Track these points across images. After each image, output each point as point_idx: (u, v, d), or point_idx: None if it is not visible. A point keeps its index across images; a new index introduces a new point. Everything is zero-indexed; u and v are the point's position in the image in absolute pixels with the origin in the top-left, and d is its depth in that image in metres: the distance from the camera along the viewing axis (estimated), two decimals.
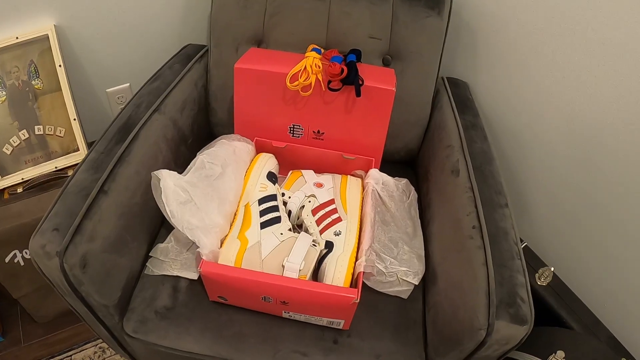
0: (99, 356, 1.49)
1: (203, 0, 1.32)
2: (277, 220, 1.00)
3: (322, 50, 1.15)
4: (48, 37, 1.30)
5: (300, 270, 0.92)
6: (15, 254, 1.33)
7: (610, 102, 1.04)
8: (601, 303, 1.21)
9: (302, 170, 1.16)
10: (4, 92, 1.31)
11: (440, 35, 1.25)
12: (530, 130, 1.28)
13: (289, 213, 1.07)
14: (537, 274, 1.23)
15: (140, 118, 1.12)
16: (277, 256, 0.94)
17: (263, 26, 1.24)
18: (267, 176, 1.09)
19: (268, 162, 1.12)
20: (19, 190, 1.34)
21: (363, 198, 1.08)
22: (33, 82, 1.33)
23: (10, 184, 1.34)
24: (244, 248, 0.96)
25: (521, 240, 1.33)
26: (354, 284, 0.94)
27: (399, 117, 1.20)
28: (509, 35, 1.25)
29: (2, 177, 1.34)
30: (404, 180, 1.18)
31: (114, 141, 1.07)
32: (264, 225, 0.99)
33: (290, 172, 1.17)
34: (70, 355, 1.50)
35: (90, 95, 1.51)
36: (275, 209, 1.02)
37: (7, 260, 1.33)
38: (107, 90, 1.52)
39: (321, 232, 1.01)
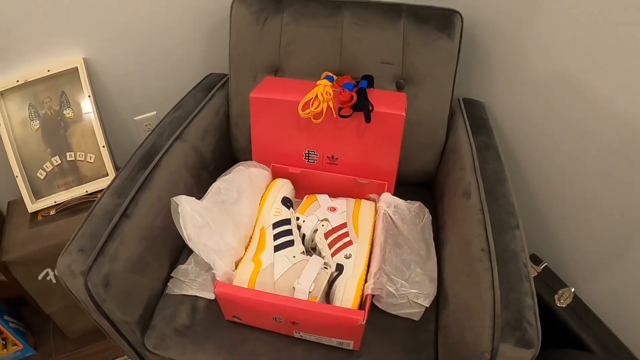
0: None
1: (224, 31, 1.37)
2: (290, 243, 1.04)
3: (335, 78, 1.18)
4: (77, 70, 1.38)
5: (310, 292, 0.95)
6: (47, 272, 1.40)
7: (633, 118, 1.03)
8: (624, 325, 1.18)
9: (317, 195, 1.19)
10: (37, 121, 1.39)
11: (452, 57, 1.27)
12: (549, 148, 1.27)
13: (303, 236, 1.10)
14: (556, 295, 1.21)
15: (162, 146, 1.17)
16: (289, 278, 0.97)
17: (279, 55, 1.28)
18: (281, 201, 1.12)
19: (283, 188, 1.16)
20: (52, 212, 1.41)
21: (375, 222, 1.11)
22: (64, 112, 1.41)
23: (43, 207, 1.42)
24: (258, 270, 0.99)
25: (541, 261, 1.32)
26: (362, 305, 0.96)
27: (414, 140, 1.22)
28: (526, 55, 1.26)
29: (36, 200, 1.42)
30: (417, 203, 1.19)
31: (137, 168, 1.13)
32: (277, 248, 1.03)
33: (306, 196, 1.20)
34: None
35: (119, 123, 1.58)
36: (288, 232, 1.06)
37: (39, 277, 1.40)
38: (135, 118, 1.60)
39: (333, 254, 1.04)
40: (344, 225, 1.08)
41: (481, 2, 1.31)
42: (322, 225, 1.10)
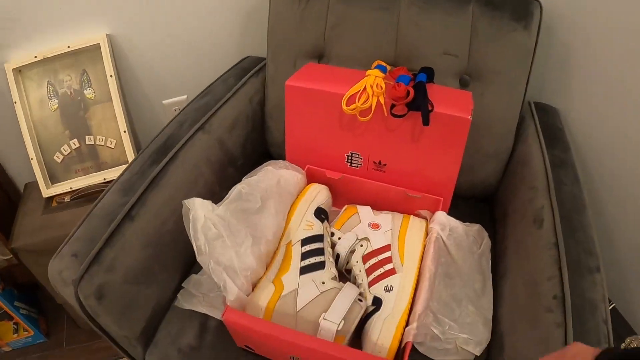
0: None
1: (262, 12, 1.13)
2: (320, 266, 0.80)
3: (388, 68, 0.93)
4: (100, 47, 1.17)
5: (338, 330, 0.71)
6: None
7: None
8: None
9: (358, 206, 0.94)
10: (56, 101, 1.20)
11: (527, 53, 1.00)
12: (634, 171, 1.00)
13: (337, 257, 0.86)
14: (624, 344, 0.94)
15: (181, 137, 0.96)
16: (315, 309, 0.74)
17: (324, 39, 1.04)
18: (314, 212, 0.88)
19: (318, 196, 0.92)
20: (67, 199, 1.22)
21: (425, 246, 0.85)
22: (85, 92, 1.20)
23: (59, 193, 1.23)
24: (278, 295, 0.77)
25: (609, 301, 1.04)
26: (400, 353, 0.71)
27: (476, 147, 0.95)
28: (612, 58, 0.99)
29: (52, 184, 1.23)
30: (477, 227, 0.93)
31: (149, 162, 0.91)
32: (304, 270, 0.79)
33: (345, 207, 0.96)
34: None
35: (146, 107, 1.36)
36: (319, 252, 0.82)
37: None
38: (164, 102, 1.37)
39: (370, 284, 0.79)
40: (387, 248, 0.83)
41: None
42: (361, 246, 0.85)
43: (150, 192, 0.87)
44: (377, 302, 0.76)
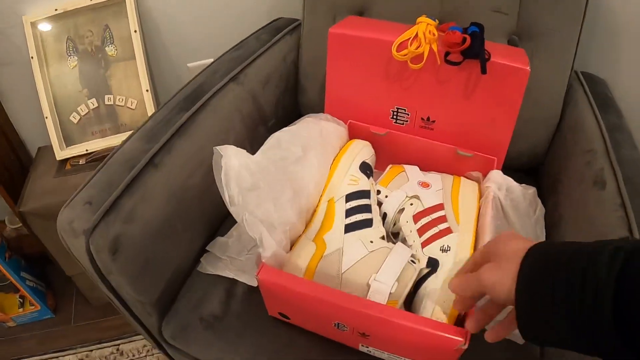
0: (148, 351, 1.24)
1: None
2: (367, 223, 0.69)
3: (437, 21, 0.83)
4: (125, 1, 1.07)
5: (390, 293, 0.61)
6: None
7: None
8: None
9: (405, 165, 0.83)
10: (75, 58, 1.10)
11: (578, 14, 0.89)
12: None
13: (384, 217, 0.75)
14: None
15: (213, 85, 0.85)
16: (362, 271, 0.63)
17: None
18: (360, 167, 0.77)
19: (363, 151, 0.81)
20: (82, 162, 1.12)
21: (480, 206, 0.75)
22: (107, 49, 1.10)
23: (73, 155, 1.12)
24: (320, 254, 0.66)
25: None
26: (463, 319, 0.61)
27: (523, 112, 0.85)
28: None
29: (66, 146, 1.13)
30: (532, 190, 0.82)
31: (177, 109, 0.81)
32: (349, 228, 0.68)
33: (390, 166, 0.85)
34: (118, 345, 1.26)
35: (169, 69, 1.25)
36: (366, 209, 0.71)
37: None
38: (189, 64, 1.25)
39: (423, 245, 0.68)
40: (440, 206, 0.73)
41: None
42: (411, 204, 0.74)
43: (177, 140, 0.76)
44: (433, 264, 0.65)
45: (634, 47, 0.98)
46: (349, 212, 0.70)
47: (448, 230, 0.68)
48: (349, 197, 0.72)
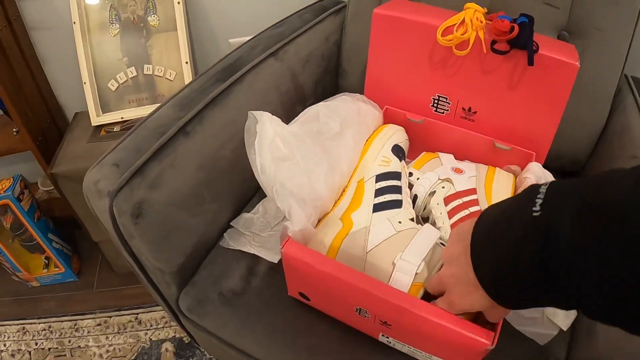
0: (166, 322, 1.23)
1: None
2: (396, 204, 0.65)
3: (485, 10, 0.79)
4: None
5: (416, 273, 0.57)
6: None
7: None
8: None
9: (440, 153, 0.79)
10: (117, 26, 1.09)
11: (633, 12, 0.83)
12: None
13: (414, 199, 0.71)
14: None
15: (251, 60, 0.83)
16: (388, 250, 0.60)
17: None
18: (392, 149, 0.74)
19: (397, 134, 0.77)
20: (116, 129, 1.11)
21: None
22: (149, 18, 1.09)
23: (109, 122, 1.12)
24: (346, 232, 0.62)
25: None
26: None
27: (570, 112, 0.80)
28: None
29: (102, 113, 1.12)
30: None
31: (214, 80, 0.79)
32: (377, 207, 0.65)
33: (423, 153, 0.81)
34: (137, 314, 1.25)
35: (210, 42, 1.23)
36: (396, 189, 0.67)
37: None
38: (230, 40, 1.22)
39: (453, 227, 0.65)
40: (472, 191, 0.68)
41: None
42: (443, 187, 0.70)
43: (210, 110, 0.74)
44: None
45: None
46: (379, 192, 0.66)
47: (479, 213, 0.64)
48: (379, 178, 0.68)
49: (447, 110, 0.80)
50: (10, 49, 1.10)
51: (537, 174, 0.70)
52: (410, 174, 0.73)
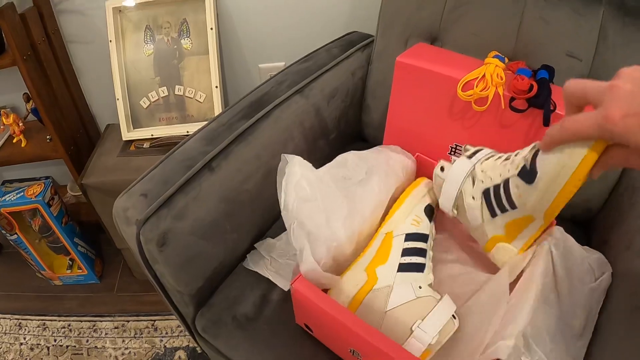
0: (181, 331, 1.30)
1: None
2: (419, 267, 0.70)
3: (506, 60, 0.82)
4: None
5: (430, 344, 0.62)
6: None
7: None
8: None
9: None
10: (151, 46, 1.16)
11: None
12: None
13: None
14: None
15: (277, 96, 0.88)
16: (407, 314, 0.65)
17: (441, 20, 0.93)
18: (425, 209, 0.78)
19: (430, 193, 0.81)
20: (146, 145, 1.18)
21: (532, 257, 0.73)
22: (182, 41, 1.16)
23: (139, 138, 1.19)
24: (370, 287, 0.67)
25: None
26: None
27: None
28: None
29: (133, 128, 1.19)
30: (597, 255, 0.76)
31: (240, 115, 0.84)
32: (402, 268, 0.69)
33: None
34: (154, 320, 1.32)
35: (240, 67, 1.29)
36: (422, 253, 0.72)
37: None
38: (260, 65, 1.29)
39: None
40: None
41: None
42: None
43: (236, 146, 0.80)
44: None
45: None
46: (406, 252, 0.71)
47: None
48: (408, 237, 0.72)
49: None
50: (48, 62, 1.18)
51: (557, 238, 0.72)
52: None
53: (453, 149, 0.84)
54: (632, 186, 0.88)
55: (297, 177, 0.68)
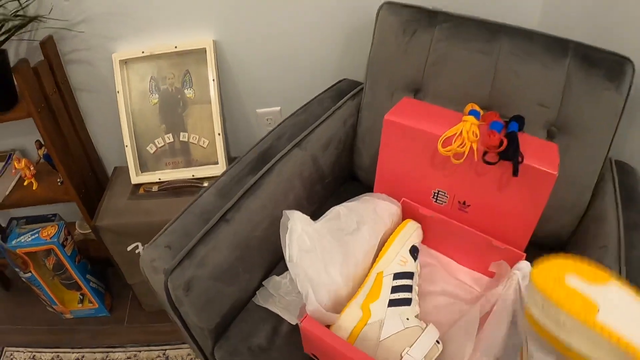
0: (192, 359, 1.43)
1: (365, 37, 1.19)
2: (407, 302, 0.86)
3: (481, 113, 0.98)
4: (206, 51, 1.27)
5: None
6: (137, 245, 1.32)
7: None
8: None
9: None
10: (157, 95, 1.30)
11: (616, 112, 1.01)
12: None
13: None
14: None
15: (279, 151, 1.04)
16: (397, 343, 0.80)
17: (423, 74, 1.09)
18: (410, 249, 0.94)
19: (414, 234, 0.97)
20: (154, 188, 1.32)
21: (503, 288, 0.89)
22: (185, 91, 1.30)
23: (147, 181, 1.33)
24: (365, 322, 0.83)
25: None
26: None
27: (553, 198, 0.99)
28: None
29: (141, 172, 1.33)
30: None
31: (248, 170, 0.99)
32: (392, 303, 0.85)
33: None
34: (165, 350, 1.46)
35: (239, 112, 1.45)
36: (408, 289, 0.88)
37: (128, 249, 1.33)
38: (258, 110, 1.45)
39: None
40: None
41: None
42: None
43: (246, 199, 0.94)
44: None
45: None
46: (395, 289, 0.86)
47: None
48: (397, 276, 0.88)
49: (445, 202, 0.99)
50: (59, 111, 1.31)
51: (525, 272, 0.88)
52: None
53: (435, 194, 1.00)
54: (597, 218, 1.03)
55: (299, 232, 0.84)
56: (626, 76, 1.00)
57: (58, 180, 1.40)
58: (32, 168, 1.40)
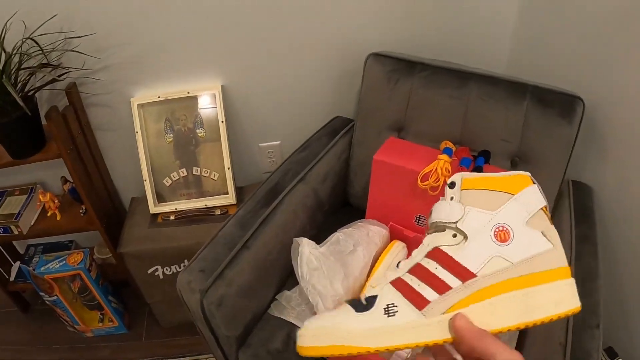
0: None
1: (354, 79, 1.54)
2: None
3: (454, 149, 1.30)
4: (215, 95, 1.58)
5: (407, 358, 1.09)
6: (157, 268, 1.62)
7: None
8: None
9: None
10: (171, 135, 1.61)
11: (568, 143, 1.33)
12: None
13: None
14: None
15: (286, 186, 1.36)
16: None
17: (405, 115, 1.43)
18: (397, 266, 1.25)
19: (400, 253, 1.28)
20: (171, 217, 1.62)
21: None
22: (197, 131, 1.61)
23: (165, 211, 1.64)
24: None
25: (616, 355, 1.39)
26: None
27: None
28: None
29: (159, 203, 1.64)
30: None
31: (261, 204, 1.31)
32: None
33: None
34: None
35: (244, 147, 1.79)
36: None
37: (149, 271, 1.62)
38: (260, 144, 1.80)
39: None
40: None
41: (604, 88, 1.36)
42: None
43: (262, 229, 1.26)
44: None
45: (619, 160, 1.38)
46: None
47: None
48: None
49: (425, 224, 1.32)
50: (84, 150, 1.61)
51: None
52: None
53: (417, 218, 1.34)
54: (582, 236, 1.32)
55: (307, 255, 1.17)
56: (576, 112, 1.30)
57: (80, 211, 1.70)
58: (56, 201, 1.70)
